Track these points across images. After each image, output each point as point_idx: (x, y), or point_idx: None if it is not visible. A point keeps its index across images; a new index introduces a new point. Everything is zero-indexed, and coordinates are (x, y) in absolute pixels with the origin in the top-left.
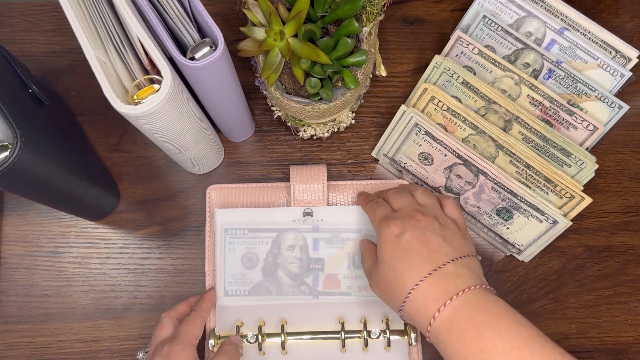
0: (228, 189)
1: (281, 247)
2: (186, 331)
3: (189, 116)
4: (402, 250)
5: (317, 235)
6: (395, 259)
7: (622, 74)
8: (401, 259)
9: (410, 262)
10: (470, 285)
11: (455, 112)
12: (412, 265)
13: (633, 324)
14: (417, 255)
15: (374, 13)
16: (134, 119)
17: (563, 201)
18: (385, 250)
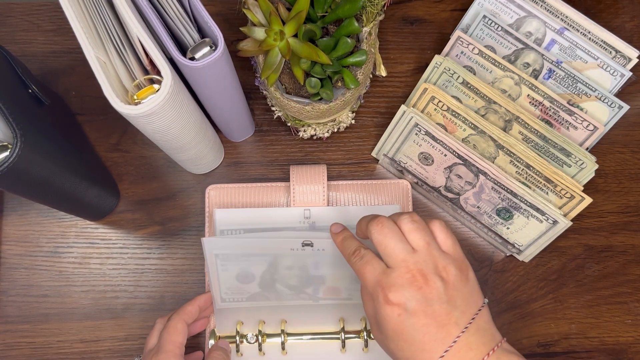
0: (228, 188)
1: (278, 267)
2: (168, 340)
3: (188, 116)
4: (409, 332)
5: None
6: (402, 340)
7: (622, 74)
8: (409, 342)
9: (420, 344)
10: (484, 355)
11: (455, 112)
12: (423, 348)
13: (633, 324)
14: (427, 337)
15: (374, 13)
16: (133, 119)
17: (563, 201)
18: (389, 329)
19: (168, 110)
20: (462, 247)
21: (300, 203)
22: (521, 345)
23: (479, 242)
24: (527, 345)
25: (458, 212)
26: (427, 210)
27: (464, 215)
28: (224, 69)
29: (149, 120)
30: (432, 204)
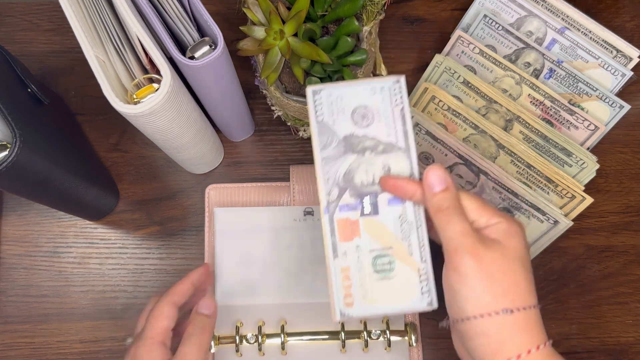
0: (227, 188)
1: (279, 246)
2: (151, 326)
3: (188, 116)
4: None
5: (316, 234)
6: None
7: (623, 74)
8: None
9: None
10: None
11: (456, 112)
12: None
13: (634, 324)
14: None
15: (374, 12)
16: (133, 118)
17: (564, 201)
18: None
19: (167, 110)
20: None
21: (301, 203)
22: None
23: None
24: None
25: None
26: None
27: None
28: (224, 68)
29: (149, 120)
30: None
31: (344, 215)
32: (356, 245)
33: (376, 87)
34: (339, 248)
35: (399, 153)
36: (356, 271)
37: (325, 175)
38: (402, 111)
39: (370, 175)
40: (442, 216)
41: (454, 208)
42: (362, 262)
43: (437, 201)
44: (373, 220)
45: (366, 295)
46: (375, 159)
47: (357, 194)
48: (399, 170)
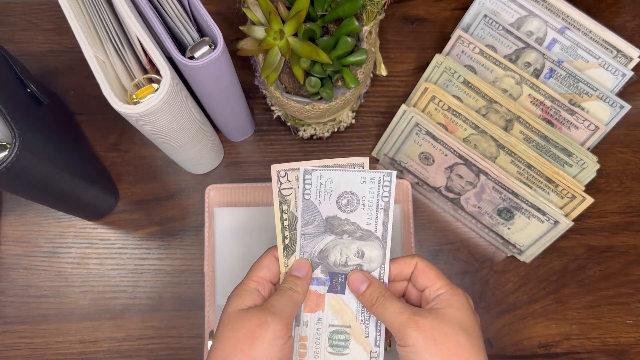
0: (227, 188)
1: None
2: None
3: (188, 116)
4: (478, 330)
5: None
6: (473, 329)
7: (623, 74)
8: (478, 335)
9: (481, 344)
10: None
11: (456, 112)
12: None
13: (634, 325)
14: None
15: (374, 12)
16: (132, 118)
17: (564, 201)
18: (463, 312)
19: (167, 110)
20: (463, 248)
21: None
22: (522, 345)
23: (479, 242)
24: (528, 346)
25: (459, 213)
26: (427, 211)
27: (464, 216)
28: (224, 68)
29: (148, 120)
30: (432, 204)
31: (313, 287)
32: (318, 317)
33: (366, 177)
34: (302, 317)
35: (375, 242)
36: (313, 342)
37: (302, 248)
38: (387, 204)
39: (344, 256)
40: (376, 307)
41: (382, 297)
42: (320, 334)
43: (367, 298)
44: (338, 298)
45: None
46: (352, 243)
47: (329, 271)
48: (371, 257)
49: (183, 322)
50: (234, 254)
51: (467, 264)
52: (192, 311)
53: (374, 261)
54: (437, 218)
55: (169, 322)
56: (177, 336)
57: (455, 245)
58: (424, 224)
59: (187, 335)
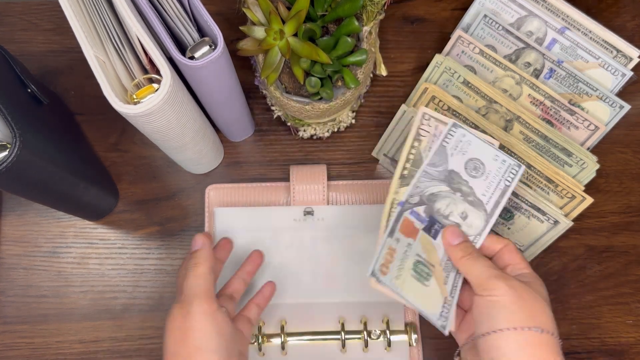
0: (227, 188)
1: (279, 246)
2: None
3: (188, 116)
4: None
5: (316, 234)
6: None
7: (623, 74)
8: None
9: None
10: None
11: (456, 112)
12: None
13: (634, 325)
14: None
15: (374, 12)
16: (133, 118)
17: (564, 201)
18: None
19: (167, 110)
20: None
21: (301, 203)
22: None
23: None
24: None
25: None
26: None
27: None
28: (224, 68)
29: (148, 120)
30: None
31: (411, 218)
32: (408, 243)
33: (500, 157)
34: (396, 234)
35: (481, 213)
36: (399, 258)
37: (418, 182)
38: (507, 188)
39: (448, 210)
40: (467, 259)
41: (474, 253)
42: (407, 257)
43: (458, 251)
44: (429, 240)
45: (399, 278)
46: (461, 202)
47: (430, 214)
48: (472, 224)
49: None
50: (234, 254)
51: None
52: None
53: (473, 228)
54: None
55: None
56: None
57: None
58: None
59: None
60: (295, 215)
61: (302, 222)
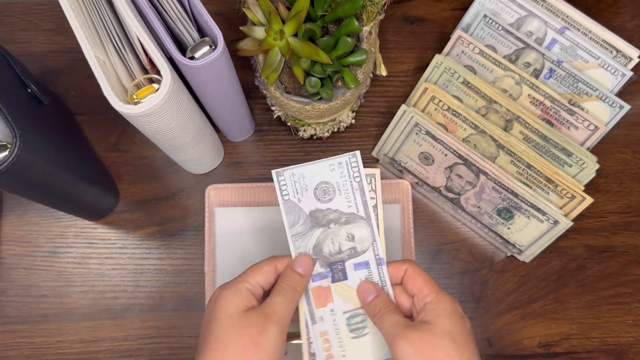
0: (227, 188)
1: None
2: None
3: (188, 116)
4: (469, 336)
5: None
6: (462, 337)
7: (623, 74)
8: (468, 342)
9: (471, 349)
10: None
11: (456, 112)
12: (473, 354)
13: (634, 324)
14: (476, 348)
15: (374, 12)
16: (133, 118)
17: (564, 201)
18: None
19: (167, 110)
20: (463, 248)
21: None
22: (522, 345)
23: (479, 242)
24: (527, 345)
25: (458, 212)
26: (427, 211)
27: (464, 216)
28: (224, 68)
29: (148, 120)
30: (432, 204)
31: (316, 284)
32: (330, 309)
33: (334, 163)
34: (316, 314)
35: (360, 222)
36: (334, 333)
37: (296, 250)
38: (361, 183)
39: (336, 244)
40: (377, 318)
41: (385, 309)
42: (338, 323)
43: (371, 308)
44: (343, 285)
45: (345, 354)
46: (340, 229)
47: (327, 263)
48: (362, 237)
49: (183, 322)
50: (234, 254)
51: (467, 263)
52: (192, 311)
53: (365, 240)
54: (437, 218)
55: (170, 321)
56: (178, 336)
57: (455, 245)
58: (424, 224)
59: (188, 334)
60: None
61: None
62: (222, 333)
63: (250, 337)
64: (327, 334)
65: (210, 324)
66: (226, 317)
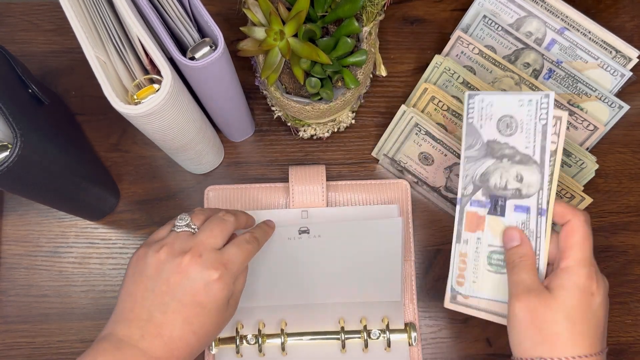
0: (226, 189)
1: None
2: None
3: (188, 116)
4: (591, 314)
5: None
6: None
7: (622, 74)
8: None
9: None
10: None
11: (456, 112)
12: (591, 335)
13: (633, 324)
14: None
15: (374, 13)
16: (133, 118)
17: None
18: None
19: (168, 110)
20: None
21: (300, 204)
22: None
23: None
24: None
25: None
26: (427, 211)
27: None
28: (224, 68)
29: (149, 120)
30: (432, 204)
31: (473, 209)
32: (477, 237)
33: (524, 99)
34: (463, 235)
35: (533, 167)
36: (472, 259)
37: (465, 171)
38: (545, 126)
39: (504, 180)
40: (509, 267)
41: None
42: (480, 253)
43: (509, 255)
44: (498, 220)
45: (476, 280)
46: (511, 167)
47: (489, 194)
48: (530, 182)
49: None
50: None
51: None
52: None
53: (533, 186)
54: (437, 218)
55: None
56: None
57: None
58: (424, 224)
59: None
60: (294, 216)
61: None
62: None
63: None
64: (466, 257)
65: None
66: None
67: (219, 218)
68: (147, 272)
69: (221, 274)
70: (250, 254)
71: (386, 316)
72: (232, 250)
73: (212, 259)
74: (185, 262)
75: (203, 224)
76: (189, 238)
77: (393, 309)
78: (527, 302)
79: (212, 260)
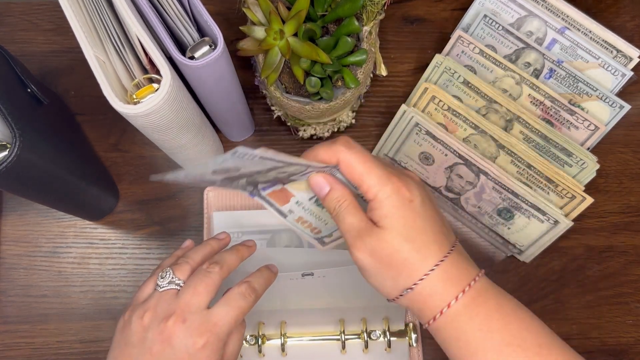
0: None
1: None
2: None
3: (188, 116)
4: (421, 220)
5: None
6: (413, 229)
7: (623, 74)
8: (420, 230)
9: (431, 235)
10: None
11: (456, 112)
12: (434, 240)
13: (634, 324)
14: (437, 228)
15: (374, 12)
16: (133, 118)
17: (564, 201)
18: (398, 216)
19: (167, 110)
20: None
21: None
22: None
23: (479, 242)
24: None
25: (459, 213)
26: None
27: (464, 216)
28: (224, 68)
29: (148, 120)
30: None
31: (269, 190)
32: (295, 201)
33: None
34: (283, 210)
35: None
36: (309, 214)
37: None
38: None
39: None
40: (334, 217)
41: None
42: (308, 208)
43: (327, 203)
44: (296, 183)
45: (327, 222)
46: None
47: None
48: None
49: None
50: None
51: None
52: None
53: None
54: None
55: None
56: None
57: None
58: None
59: None
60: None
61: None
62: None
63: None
64: (303, 218)
65: None
66: None
67: (203, 272)
68: (132, 340)
69: (207, 340)
70: (243, 312)
71: (386, 317)
72: (221, 311)
73: (197, 323)
74: (168, 329)
75: (188, 279)
76: (172, 299)
77: (393, 310)
78: (364, 247)
79: (197, 324)
